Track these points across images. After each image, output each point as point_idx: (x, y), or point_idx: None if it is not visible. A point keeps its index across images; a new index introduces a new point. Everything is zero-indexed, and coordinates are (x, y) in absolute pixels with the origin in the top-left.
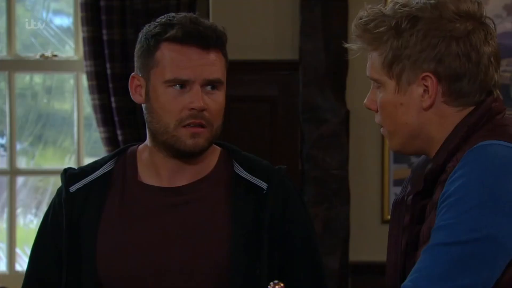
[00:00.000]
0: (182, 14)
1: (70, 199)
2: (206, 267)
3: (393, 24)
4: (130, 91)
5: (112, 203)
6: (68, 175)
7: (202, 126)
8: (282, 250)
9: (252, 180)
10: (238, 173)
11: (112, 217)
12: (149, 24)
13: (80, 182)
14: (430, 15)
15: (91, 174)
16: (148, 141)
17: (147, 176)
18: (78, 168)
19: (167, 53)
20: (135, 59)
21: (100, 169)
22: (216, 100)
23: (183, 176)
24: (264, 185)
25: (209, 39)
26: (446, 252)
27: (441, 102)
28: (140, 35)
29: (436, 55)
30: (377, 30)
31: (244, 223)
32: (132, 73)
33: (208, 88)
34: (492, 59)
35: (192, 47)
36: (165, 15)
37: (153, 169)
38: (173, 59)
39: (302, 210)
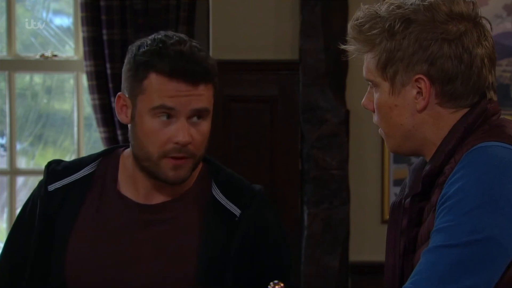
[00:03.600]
0: (174, 38)
1: (47, 198)
2: None
3: (386, 26)
4: (116, 110)
5: (89, 210)
6: (51, 172)
7: (185, 157)
8: (250, 277)
9: (226, 205)
10: (214, 195)
11: (86, 226)
12: (139, 44)
13: (60, 181)
14: (423, 17)
15: (73, 174)
16: (130, 155)
17: (125, 187)
18: (61, 164)
19: (155, 82)
20: (123, 78)
21: (82, 170)
22: (201, 130)
23: (160, 194)
24: (237, 211)
25: (197, 76)
26: (446, 254)
27: (435, 104)
28: (129, 54)
29: (428, 57)
30: (371, 32)
31: (212, 249)
32: (119, 93)
33: (194, 119)
34: (485, 60)
35: (179, 82)
36: (157, 37)
37: (132, 182)
38: (160, 89)
39: (276, 237)
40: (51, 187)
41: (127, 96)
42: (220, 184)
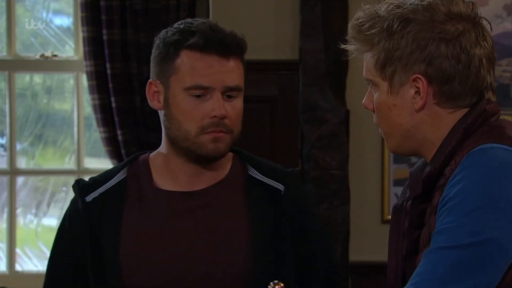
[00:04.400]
0: (200, 20)
1: (87, 209)
2: (230, 270)
3: (385, 26)
4: (147, 98)
5: (131, 212)
6: (82, 186)
7: (223, 132)
8: (301, 248)
9: (269, 183)
10: (253, 176)
11: (133, 226)
12: (166, 30)
13: (95, 192)
14: (422, 17)
15: (105, 183)
16: (164, 148)
17: (163, 182)
18: (89, 179)
19: (187, 60)
20: (152, 65)
21: (113, 179)
22: (235, 107)
23: (201, 180)
24: (281, 187)
25: (229, 47)
26: (447, 255)
27: (433, 104)
28: (157, 41)
29: (426, 57)
30: (369, 32)
31: (263, 225)
32: (150, 80)
33: (227, 95)
34: (484, 61)
35: (212, 54)
36: (182, 21)
37: (170, 175)
38: (193, 66)
39: (316, 212)
40: (89, 198)
41: (158, 81)
42: (255, 166)
